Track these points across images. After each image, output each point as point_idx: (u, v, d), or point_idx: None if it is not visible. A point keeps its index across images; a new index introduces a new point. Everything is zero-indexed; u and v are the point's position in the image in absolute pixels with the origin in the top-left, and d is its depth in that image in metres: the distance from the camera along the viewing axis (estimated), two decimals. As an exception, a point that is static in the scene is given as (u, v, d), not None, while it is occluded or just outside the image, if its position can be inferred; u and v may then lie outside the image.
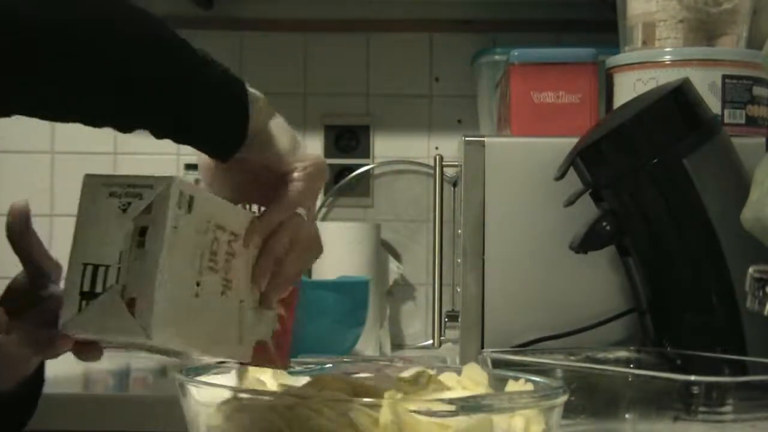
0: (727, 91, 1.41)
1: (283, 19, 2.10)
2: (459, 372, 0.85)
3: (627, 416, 0.99)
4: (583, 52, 1.49)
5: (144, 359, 1.70)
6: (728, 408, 0.93)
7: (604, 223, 1.23)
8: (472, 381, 0.83)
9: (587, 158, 1.25)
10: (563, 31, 2.04)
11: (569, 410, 0.78)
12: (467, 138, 1.41)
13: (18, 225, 0.76)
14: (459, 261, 1.42)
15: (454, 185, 1.57)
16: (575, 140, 1.29)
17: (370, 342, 1.82)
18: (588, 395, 0.99)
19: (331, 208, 2.07)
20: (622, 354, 1.25)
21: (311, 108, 2.06)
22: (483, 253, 1.38)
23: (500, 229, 1.38)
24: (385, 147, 2.06)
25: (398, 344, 2.01)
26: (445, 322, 1.54)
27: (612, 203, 1.25)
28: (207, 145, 0.76)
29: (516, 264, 1.38)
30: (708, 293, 1.21)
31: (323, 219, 2.04)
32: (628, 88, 1.44)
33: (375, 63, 2.10)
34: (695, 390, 0.92)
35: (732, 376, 1.06)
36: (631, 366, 1.21)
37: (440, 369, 0.86)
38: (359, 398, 0.70)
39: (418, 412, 0.70)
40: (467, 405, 0.71)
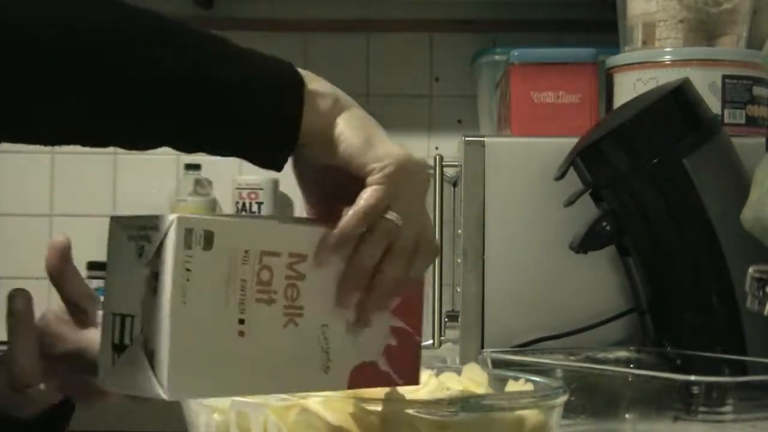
0: (727, 91, 1.41)
1: (283, 19, 2.10)
2: (459, 372, 0.85)
3: (627, 416, 0.99)
4: (583, 52, 1.49)
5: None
6: (728, 408, 0.93)
7: (604, 223, 1.23)
8: (472, 381, 0.83)
9: (587, 158, 1.25)
10: (563, 31, 2.04)
11: (569, 410, 0.78)
12: (467, 138, 1.41)
13: (59, 262, 0.73)
14: (459, 261, 1.42)
15: (454, 185, 1.57)
16: (575, 140, 1.29)
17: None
18: (588, 395, 0.99)
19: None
20: (622, 354, 1.25)
21: (311, 108, 2.06)
22: (483, 253, 1.38)
23: (500, 229, 1.38)
24: (385, 147, 2.05)
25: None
26: (445, 322, 1.54)
27: (612, 203, 1.24)
28: (245, 153, 0.68)
29: (516, 264, 1.38)
30: (708, 293, 1.21)
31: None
32: (628, 88, 1.44)
33: (375, 63, 2.11)
34: (695, 390, 0.92)
35: (732, 376, 1.06)
36: (631, 366, 1.21)
37: (440, 369, 0.86)
38: (359, 397, 0.70)
39: (418, 412, 0.70)
40: (467, 405, 0.71)
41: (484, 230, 1.39)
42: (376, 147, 0.68)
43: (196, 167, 2.06)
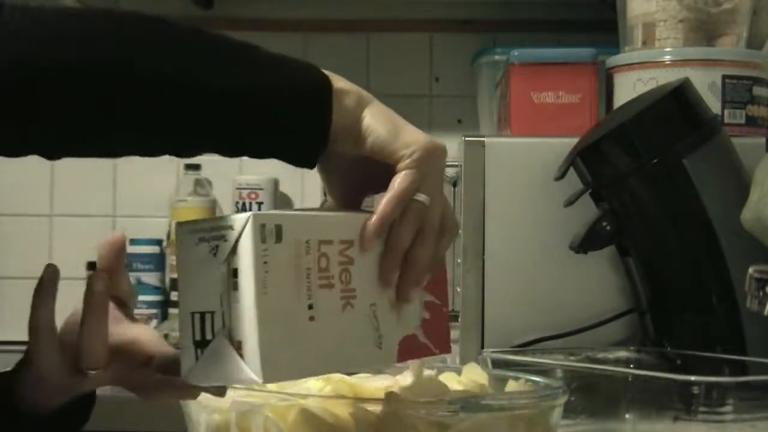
0: (727, 91, 1.41)
1: (283, 19, 2.10)
2: (459, 372, 0.85)
3: (627, 416, 0.99)
4: (583, 52, 1.49)
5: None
6: (728, 408, 0.93)
7: (604, 223, 1.23)
8: (472, 381, 0.83)
9: (587, 158, 1.25)
10: (563, 31, 2.04)
11: (569, 410, 0.78)
12: (467, 138, 1.41)
13: (114, 258, 0.75)
14: (459, 261, 1.42)
15: (454, 185, 1.57)
16: (575, 140, 1.29)
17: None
18: (588, 395, 0.99)
19: (331, 208, 2.07)
20: (622, 354, 1.25)
21: (311, 108, 2.06)
22: (483, 253, 1.38)
23: (500, 229, 1.38)
24: (385, 147, 2.05)
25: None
26: (445, 322, 1.54)
27: (612, 203, 1.25)
28: (283, 156, 0.72)
29: (516, 264, 1.38)
30: (708, 293, 1.21)
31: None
32: (628, 88, 1.44)
33: (375, 63, 2.11)
34: (695, 390, 0.93)
35: (732, 376, 1.06)
36: (631, 366, 1.21)
37: (440, 369, 0.86)
38: (360, 398, 0.70)
39: (419, 412, 0.70)
40: (467, 405, 0.71)
41: (484, 230, 1.39)
42: (403, 135, 0.73)
43: (196, 167, 2.06)
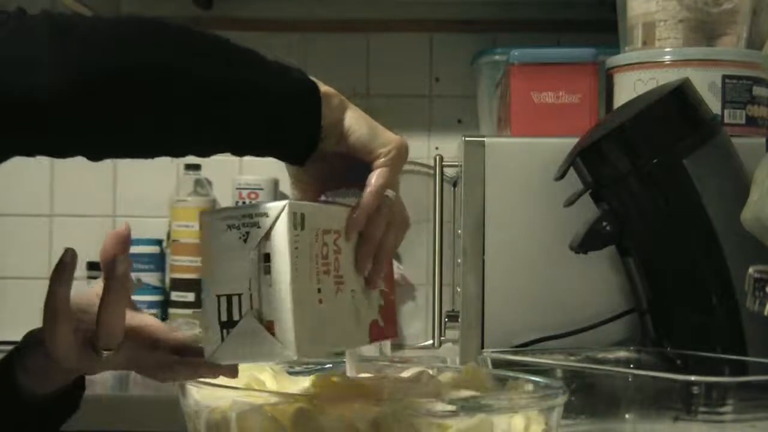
0: (727, 91, 1.41)
1: (283, 19, 2.10)
2: (459, 372, 0.85)
3: (627, 416, 0.99)
4: (583, 52, 1.49)
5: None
6: (728, 408, 0.93)
7: (604, 223, 1.23)
8: (472, 381, 0.83)
9: (587, 158, 1.25)
10: (563, 31, 2.04)
11: (569, 410, 0.78)
12: (467, 138, 1.41)
13: (120, 250, 0.77)
14: (459, 261, 1.42)
15: (454, 185, 1.57)
16: (575, 140, 1.29)
17: (370, 342, 1.82)
18: (588, 395, 0.99)
19: (331, 208, 2.07)
20: (622, 354, 1.25)
21: (311, 108, 2.06)
22: (483, 253, 1.38)
23: (500, 229, 1.38)
24: (385, 147, 2.05)
25: (398, 344, 2.01)
26: (445, 322, 1.54)
27: (612, 203, 1.25)
28: (280, 155, 0.78)
29: (516, 264, 1.38)
30: (708, 293, 1.21)
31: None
32: (628, 88, 1.44)
33: (375, 63, 2.11)
34: (695, 390, 0.92)
35: (732, 376, 1.06)
36: (631, 366, 1.21)
37: (440, 369, 0.86)
38: (360, 398, 0.70)
39: (418, 412, 0.70)
40: (467, 405, 0.71)
41: (484, 230, 1.39)
42: (380, 135, 0.80)
43: (196, 167, 2.06)
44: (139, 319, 0.78)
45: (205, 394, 0.75)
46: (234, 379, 0.76)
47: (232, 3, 2.11)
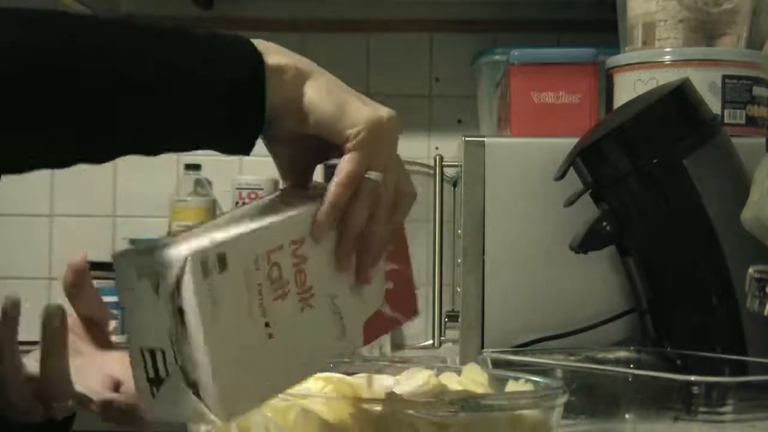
0: (727, 91, 1.41)
1: (283, 19, 2.10)
2: (459, 372, 0.85)
3: (627, 416, 0.99)
4: (583, 52, 1.49)
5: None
6: (728, 408, 0.93)
7: (604, 223, 1.23)
8: (472, 381, 0.83)
9: (587, 158, 1.25)
10: (563, 31, 2.04)
11: (569, 410, 0.78)
12: (467, 138, 1.41)
13: (78, 280, 0.75)
14: (459, 261, 1.42)
15: (454, 185, 1.57)
16: (575, 140, 1.29)
17: (370, 342, 1.82)
18: (588, 395, 0.99)
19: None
20: (622, 354, 1.25)
21: (311, 108, 2.06)
22: (483, 253, 1.38)
23: (500, 229, 1.38)
24: (385, 147, 2.05)
25: (398, 344, 2.01)
26: (445, 322, 1.54)
27: (612, 203, 1.24)
28: (216, 146, 0.68)
29: (516, 264, 1.38)
30: (708, 293, 1.21)
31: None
32: (628, 88, 1.44)
33: (375, 63, 2.11)
34: (695, 390, 0.92)
35: (732, 376, 1.06)
36: (631, 366, 1.21)
37: (440, 369, 0.86)
38: (360, 398, 0.70)
39: (419, 412, 0.70)
40: (467, 405, 0.71)
41: (484, 230, 1.39)
42: (348, 113, 0.68)
43: (196, 167, 2.06)
44: (103, 365, 0.76)
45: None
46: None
47: (232, 3, 2.11)
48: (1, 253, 2.13)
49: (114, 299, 2.16)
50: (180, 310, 0.60)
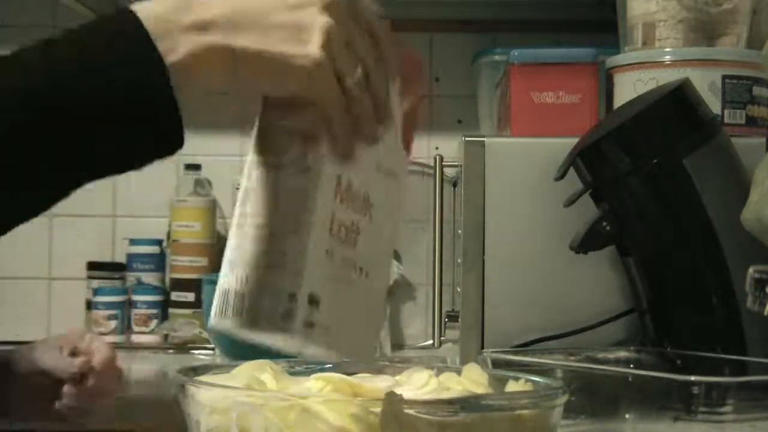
0: (727, 91, 1.41)
1: (283, 19, 2.10)
2: (459, 372, 0.85)
3: (627, 416, 0.99)
4: (583, 52, 1.49)
5: (143, 360, 1.70)
6: (728, 408, 0.93)
7: (604, 223, 1.23)
8: (472, 381, 0.83)
9: (587, 158, 1.25)
10: (563, 31, 2.04)
11: (569, 410, 0.78)
12: (467, 138, 1.41)
13: None
14: (459, 261, 1.42)
15: (454, 185, 1.57)
16: (575, 140, 1.29)
17: (370, 342, 1.82)
18: (588, 395, 0.99)
19: (331, 208, 2.07)
20: (622, 354, 1.25)
21: (311, 108, 2.06)
22: (483, 253, 1.38)
23: (500, 229, 1.38)
24: (385, 147, 2.05)
25: (398, 344, 2.01)
26: (445, 322, 1.54)
27: (612, 203, 1.24)
28: (142, 158, 0.65)
29: (516, 264, 1.38)
30: (708, 293, 1.21)
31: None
32: (628, 88, 1.44)
33: (375, 63, 2.10)
34: (695, 390, 0.92)
35: (732, 376, 1.06)
36: (631, 366, 1.21)
37: (440, 369, 0.86)
38: (360, 398, 0.70)
39: (419, 412, 0.70)
40: (467, 405, 0.71)
41: (484, 230, 1.38)
42: (288, 68, 0.65)
43: (197, 167, 2.06)
44: None
45: (206, 395, 0.75)
46: (234, 380, 0.76)
47: (232, 3, 2.10)
48: (1, 253, 2.13)
49: (114, 299, 2.17)
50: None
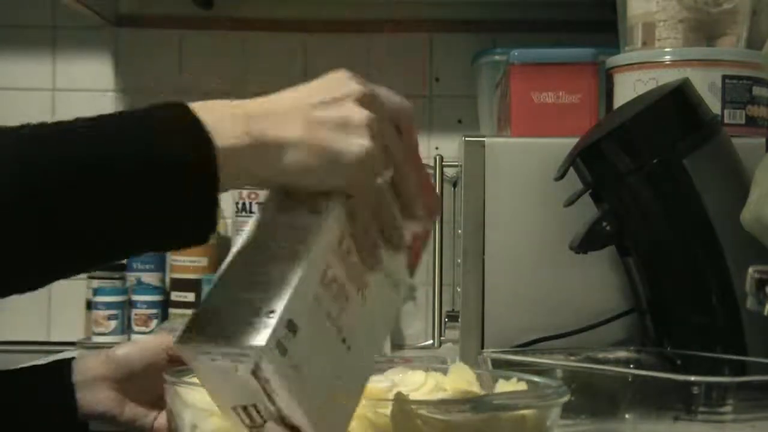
0: (727, 91, 1.41)
1: (283, 19, 2.10)
2: (445, 372, 0.85)
3: (627, 416, 0.99)
4: (583, 52, 1.49)
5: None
6: (728, 408, 0.93)
7: (604, 223, 1.23)
8: (462, 380, 0.83)
9: (587, 158, 1.25)
10: (563, 31, 2.04)
11: (569, 410, 0.78)
12: (467, 138, 1.41)
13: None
14: (459, 261, 1.42)
15: (454, 185, 1.57)
16: (575, 140, 1.29)
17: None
18: (588, 395, 0.99)
19: (331, 208, 2.07)
20: (622, 354, 1.25)
21: (311, 108, 2.05)
22: (483, 253, 1.38)
23: (500, 229, 1.38)
24: (385, 147, 2.05)
25: (398, 344, 2.01)
26: (445, 322, 1.54)
27: (612, 203, 1.24)
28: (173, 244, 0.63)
29: (516, 264, 1.38)
30: (708, 293, 1.21)
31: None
32: (628, 88, 1.44)
33: (375, 63, 2.10)
34: (695, 390, 0.92)
35: (732, 376, 1.06)
36: (631, 366, 1.21)
37: (427, 369, 0.86)
38: (366, 397, 0.70)
39: (426, 411, 0.70)
40: (473, 404, 0.71)
41: (484, 230, 1.38)
42: (337, 168, 0.66)
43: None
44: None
45: (205, 399, 0.75)
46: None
47: (233, 3, 2.10)
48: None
49: (114, 299, 2.17)
50: (265, 381, 0.59)
